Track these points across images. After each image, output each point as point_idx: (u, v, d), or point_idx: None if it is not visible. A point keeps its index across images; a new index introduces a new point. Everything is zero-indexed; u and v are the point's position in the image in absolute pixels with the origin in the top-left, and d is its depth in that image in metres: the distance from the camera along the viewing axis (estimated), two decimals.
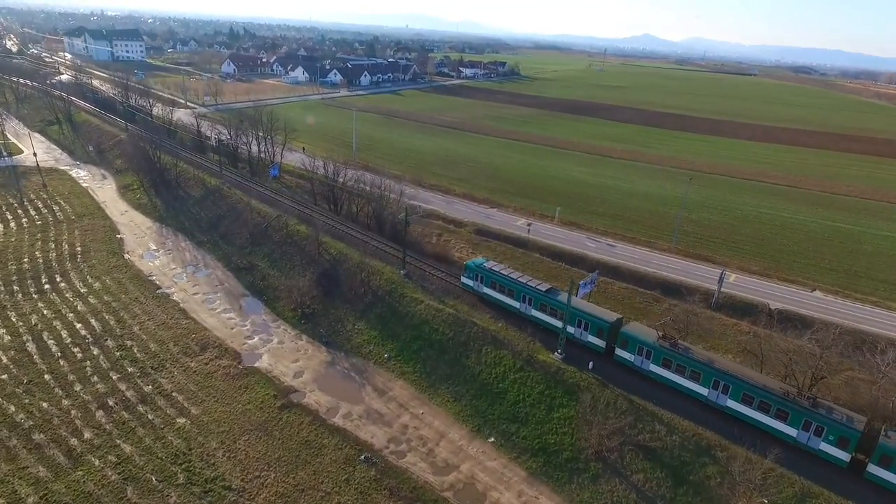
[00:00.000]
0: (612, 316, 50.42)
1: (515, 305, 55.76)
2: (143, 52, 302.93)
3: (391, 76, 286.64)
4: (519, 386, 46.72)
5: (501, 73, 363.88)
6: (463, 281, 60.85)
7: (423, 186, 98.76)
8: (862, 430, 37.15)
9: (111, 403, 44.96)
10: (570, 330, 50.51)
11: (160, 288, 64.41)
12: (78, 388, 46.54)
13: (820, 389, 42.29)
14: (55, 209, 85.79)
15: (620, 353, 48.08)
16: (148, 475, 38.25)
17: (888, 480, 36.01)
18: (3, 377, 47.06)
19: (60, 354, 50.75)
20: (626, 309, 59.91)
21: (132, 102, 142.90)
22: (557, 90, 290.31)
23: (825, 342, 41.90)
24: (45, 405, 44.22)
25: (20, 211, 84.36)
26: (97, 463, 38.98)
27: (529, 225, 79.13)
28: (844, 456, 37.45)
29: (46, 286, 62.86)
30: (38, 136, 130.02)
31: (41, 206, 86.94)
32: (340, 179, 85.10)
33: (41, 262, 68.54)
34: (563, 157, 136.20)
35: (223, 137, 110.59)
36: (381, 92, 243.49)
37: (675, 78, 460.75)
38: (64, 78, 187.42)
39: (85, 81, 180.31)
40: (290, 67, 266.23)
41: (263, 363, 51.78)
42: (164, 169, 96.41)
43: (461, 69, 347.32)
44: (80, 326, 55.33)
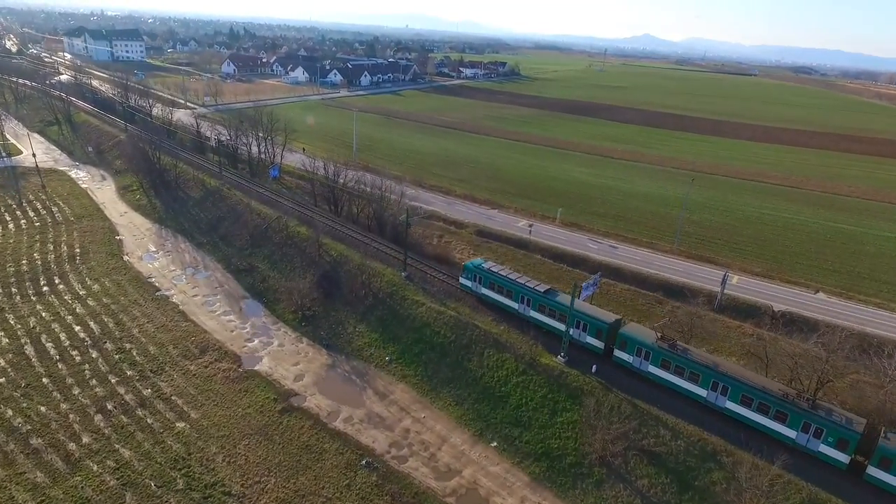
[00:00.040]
0: (610, 317, 50.11)
1: (514, 306, 55.45)
2: (142, 52, 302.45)
3: (391, 76, 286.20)
4: (521, 390, 46.30)
5: (502, 73, 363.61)
6: (461, 282, 60.56)
7: (423, 187, 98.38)
8: (861, 431, 36.93)
9: (110, 407, 44.54)
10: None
11: (159, 290, 63.98)
12: (76, 391, 46.12)
13: (826, 393, 41.87)
14: (54, 210, 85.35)
15: (619, 354, 47.78)
16: (147, 480, 37.82)
17: (888, 482, 35.78)
18: (0, 381, 46.61)
19: (59, 357, 50.32)
20: (628, 311, 59.54)
21: (132, 103, 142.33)
22: (558, 90, 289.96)
23: (831, 346, 41.48)
24: (43, 409, 43.81)
25: (19, 212, 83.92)
26: (95, 468, 38.56)
27: (531, 226, 78.80)
28: (844, 458, 37.24)
29: (45, 288, 62.43)
30: (37, 136, 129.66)
31: (40, 207, 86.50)
32: (341, 180, 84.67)
33: (40, 263, 68.12)
34: (563, 157, 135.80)
35: (223, 138, 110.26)
36: (381, 92, 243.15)
37: (675, 78, 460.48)
38: (63, 78, 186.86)
39: (84, 82, 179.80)
40: (290, 68, 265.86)
41: (264, 366, 51.35)
42: (163, 170, 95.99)
43: (461, 69, 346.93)
44: (78, 329, 54.91)
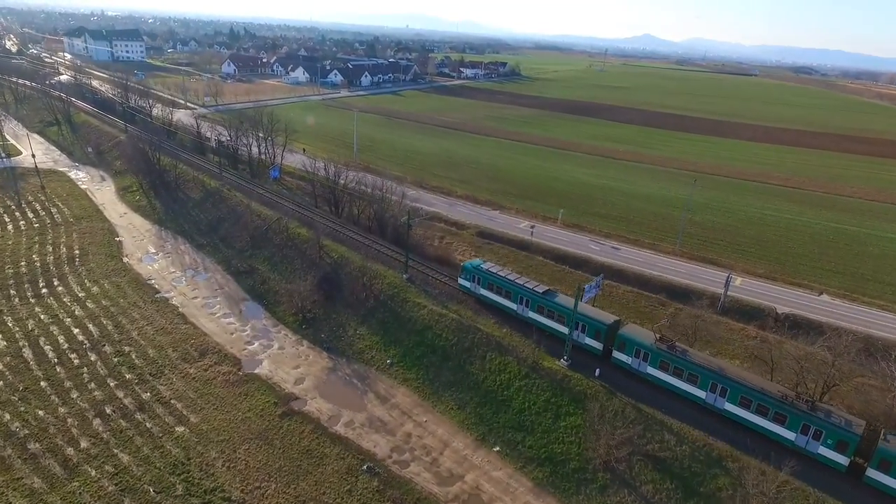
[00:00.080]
0: (609, 318, 49.90)
1: (512, 307, 55.20)
2: (143, 52, 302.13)
3: (392, 76, 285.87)
4: (524, 393, 45.83)
5: (502, 73, 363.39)
6: (460, 282, 60.25)
7: (424, 188, 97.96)
8: (861, 434, 36.66)
9: (108, 411, 44.09)
10: (567, 332, 50.02)
11: (159, 292, 63.51)
12: (75, 395, 45.66)
13: (832, 398, 41.47)
14: (53, 211, 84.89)
15: (618, 355, 47.55)
16: (146, 486, 37.35)
17: (887, 485, 35.48)
18: None
19: (57, 361, 49.84)
20: (631, 313, 59.12)
21: (132, 103, 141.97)
22: (558, 91, 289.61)
23: (837, 349, 41.02)
24: (41, 413, 43.35)
25: (18, 213, 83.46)
26: (94, 473, 38.08)
27: (532, 227, 78.36)
28: (843, 460, 36.96)
29: (44, 290, 61.98)
30: (36, 137, 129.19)
31: (39, 208, 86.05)
32: (341, 181, 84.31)
33: (38, 265, 67.66)
34: (564, 158, 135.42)
35: (223, 139, 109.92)
36: (381, 92, 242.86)
37: (675, 78, 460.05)
38: (63, 78, 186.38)
39: (84, 82, 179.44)
40: (290, 68, 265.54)
41: (264, 369, 50.88)
42: (163, 171, 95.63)
43: (462, 69, 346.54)
44: (77, 332, 54.43)
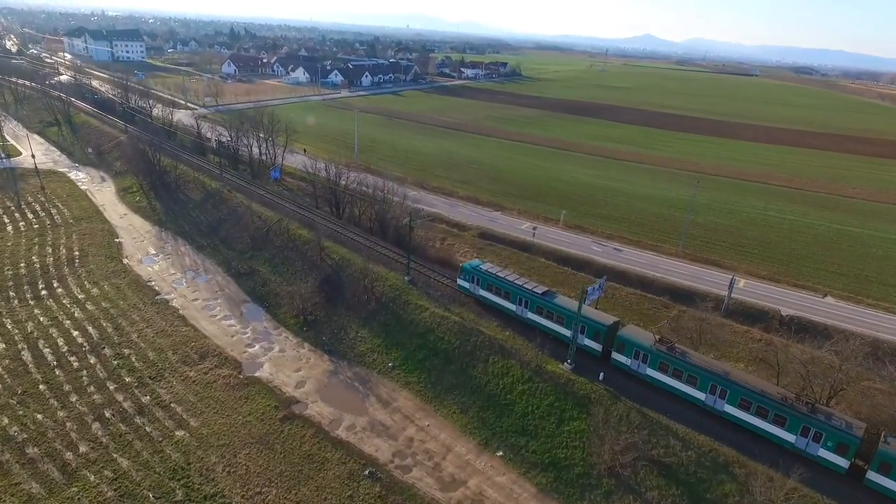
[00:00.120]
0: (608, 319, 49.63)
1: (511, 308, 54.90)
2: (143, 52, 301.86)
3: (392, 77, 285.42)
4: (527, 397, 45.38)
5: (503, 73, 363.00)
6: (459, 283, 59.87)
7: (426, 189, 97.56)
8: (861, 436, 36.35)
9: (108, 415, 43.68)
10: (566, 333, 50.02)
11: (159, 294, 63.09)
12: (74, 398, 45.25)
13: (838, 402, 41.03)
14: (53, 212, 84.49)
15: (617, 356, 47.27)
16: (145, 492, 36.94)
17: (888, 487, 35.10)
18: None
19: (56, 363, 49.43)
20: (634, 315, 58.69)
21: (132, 103, 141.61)
22: (559, 91, 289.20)
23: (844, 353, 40.56)
24: (39, 417, 42.94)
25: (17, 214, 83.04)
26: (92, 478, 37.67)
27: (534, 228, 77.90)
28: (843, 462, 36.61)
29: (43, 292, 61.58)
30: (36, 137, 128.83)
31: (39, 209, 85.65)
32: (342, 182, 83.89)
33: (38, 267, 67.26)
34: (566, 158, 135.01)
35: (223, 139, 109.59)
36: (382, 93, 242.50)
37: (676, 78, 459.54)
38: (63, 78, 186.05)
39: (84, 82, 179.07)
40: (290, 68, 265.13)
41: (264, 372, 50.45)
42: (163, 171, 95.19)
43: (463, 70, 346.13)
44: (77, 334, 54.03)
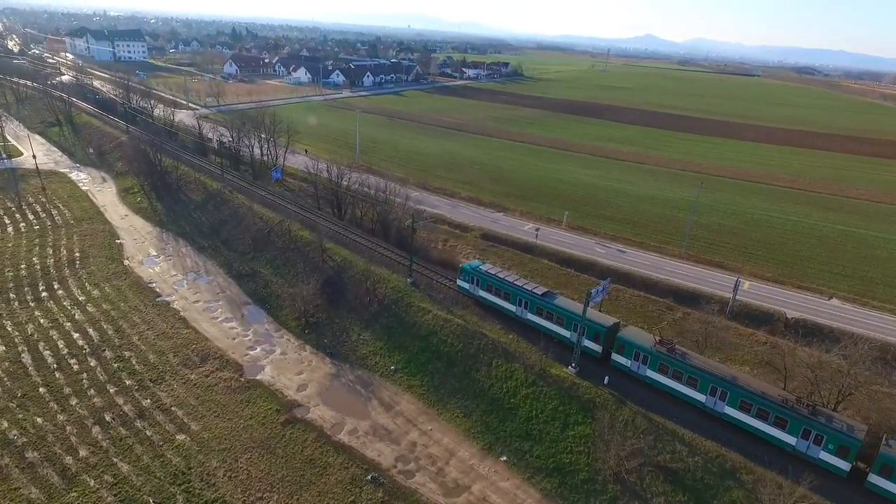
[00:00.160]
0: (608, 320, 49.41)
1: (511, 309, 54.60)
2: (145, 52, 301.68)
3: (394, 77, 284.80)
4: (531, 401, 44.95)
5: (505, 73, 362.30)
6: (458, 284, 59.50)
7: (427, 190, 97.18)
8: (862, 439, 35.96)
9: (108, 419, 43.33)
10: (566, 334, 49.84)
11: (160, 296, 62.77)
12: (74, 402, 44.91)
13: (847, 407, 40.53)
14: (54, 213, 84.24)
15: (617, 357, 47.01)
16: (146, 497, 36.57)
17: (889, 490, 34.67)
18: None
19: (56, 366, 49.11)
20: (638, 318, 58.24)
21: (133, 104, 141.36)
22: (561, 91, 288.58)
23: (853, 357, 40.06)
24: (39, 420, 42.61)
25: (18, 215, 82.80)
26: (92, 483, 37.32)
27: (537, 230, 77.43)
28: (845, 465, 36.23)
29: (44, 294, 61.29)
30: (37, 137, 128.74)
31: (40, 209, 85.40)
32: (344, 183, 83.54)
33: (38, 268, 66.97)
34: (568, 159, 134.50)
35: (225, 139, 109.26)
36: (383, 93, 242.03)
37: (678, 79, 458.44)
38: (65, 79, 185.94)
39: (86, 82, 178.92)
40: (292, 68, 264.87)
41: (266, 375, 50.08)
42: (165, 172, 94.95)
43: (464, 70, 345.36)
44: (77, 336, 53.71)
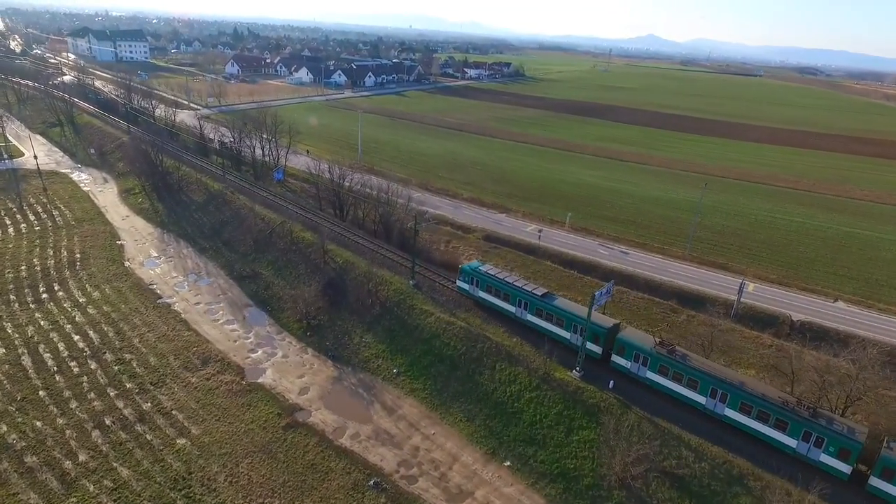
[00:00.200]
0: (608, 321, 49.20)
1: (511, 310, 54.31)
2: (146, 52, 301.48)
3: (396, 77, 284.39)
4: (535, 406, 44.49)
5: (506, 73, 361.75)
6: (458, 284, 59.16)
7: (429, 190, 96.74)
8: (863, 441, 35.58)
9: (108, 422, 42.95)
10: (565, 335, 49.66)
11: (161, 297, 62.40)
12: (74, 405, 44.54)
13: (855, 412, 40.03)
14: (55, 214, 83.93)
15: (616, 359, 46.79)
16: (145, 502, 36.17)
17: (891, 493, 34.29)
18: None
19: (56, 369, 48.74)
20: (642, 321, 57.77)
21: (135, 104, 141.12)
22: (563, 91, 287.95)
23: (862, 362, 39.56)
24: (38, 424, 42.24)
25: (19, 216, 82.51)
26: (92, 488, 36.94)
27: (540, 231, 76.98)
28: (845, 468, 35.87)
29: (44, 295, 60.94)
30: (39, 138, 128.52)
31: (41, 210, 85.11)
32: (346, 183, 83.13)
33: (39, 269, 66.64)
34: (570, 159, 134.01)
35: (226, 140, 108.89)
36: (385, 93, 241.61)
37: (680, 79, 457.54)
38: (66, 79, 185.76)
39: (87, 83, 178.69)
40: (294, 68, 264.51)
41: (267, 378, 49.68)
42: (166, 172, 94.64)
43: (466, 70, 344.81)
44: (77, 339, 53.34)
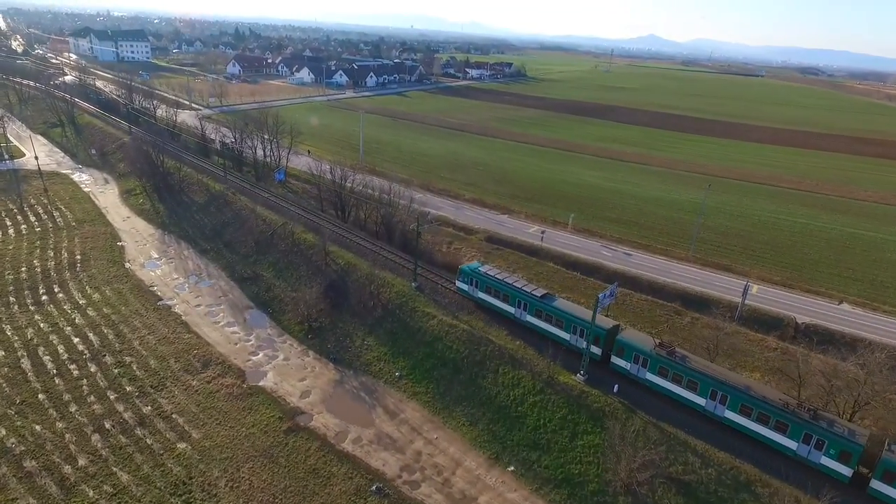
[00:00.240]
0: (608, 323, 48.96)
1: (510, 311, 54.05)
2: (148, 52, 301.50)
3: (397, 77, 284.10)
4: (539, 410, 44.03)
5: (508, 74, 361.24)
6: (458, 285, 58.84)
7: (431, 191, 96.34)
8: (864, 444, 35.20)
9: (108, 426, 42.57)
10: (565, 336, 49.52)
11: (161, 299, 62.03)
12: (73, 409, 44.16)
13: (863, 417, 39.55)
14: (55, 215, 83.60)
15: (616, 360, 46.54)
16: None
17: (892, 497, 33.93)
18: None
19: (56, 372, 48.36)
20: (646, 323, 57.30)
21: (136, 104, 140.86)
22: (564, 91, 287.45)
23: (870, 366, 39.08)
24: (38, 428, 41.86)
25: (20, 217, 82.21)
26: (91, 494, 36.54)
27: (543, 232, 76.57)
28: (846, 471, 35.51)
29: (44, 297, 60.58)
30: (40, 138, 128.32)
31: (41, 211, 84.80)
32: (348, 184, 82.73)
33: (39, 271, 66.29)
34: (572, 160, 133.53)
35: (228, 140, 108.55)
36: (386, 93, 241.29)
37: (681, 79, 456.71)
38: (68, 79, 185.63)
39: (88, 83, 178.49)
40: (295, 68, 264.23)
41: (268, 382, 49.26)
42: (167, 173, 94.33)
43: (467, 70, 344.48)
44: (77, 341, 52.97)
